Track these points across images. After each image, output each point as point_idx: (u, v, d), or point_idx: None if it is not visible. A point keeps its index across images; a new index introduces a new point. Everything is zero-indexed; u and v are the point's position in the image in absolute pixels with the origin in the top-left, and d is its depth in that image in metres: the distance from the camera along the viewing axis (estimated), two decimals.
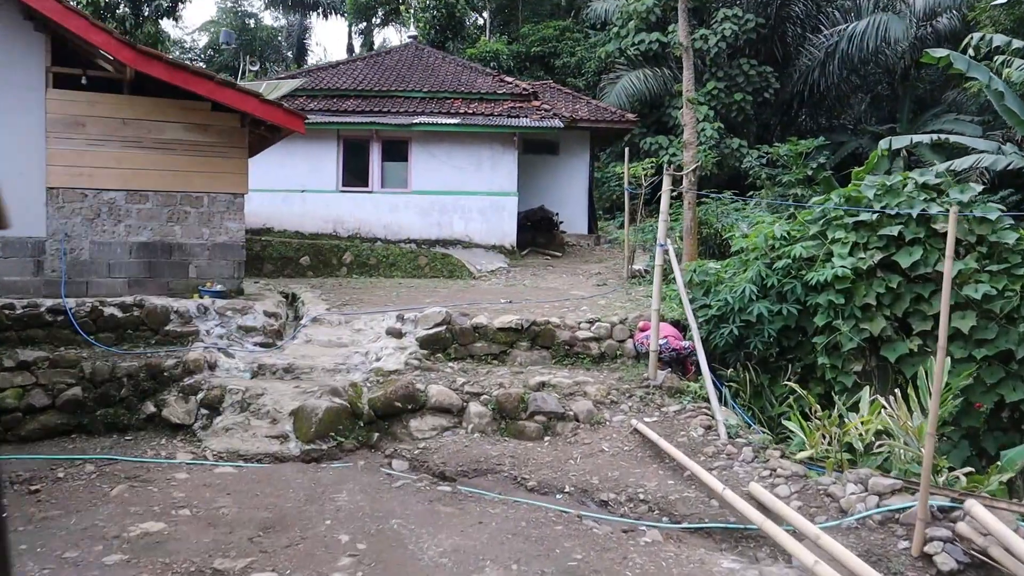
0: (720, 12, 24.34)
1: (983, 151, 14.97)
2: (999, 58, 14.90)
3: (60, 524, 5.44)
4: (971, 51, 14.86)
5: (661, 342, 8.76)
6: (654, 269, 8.70)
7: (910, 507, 5.52)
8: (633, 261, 15.22)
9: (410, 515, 5.73)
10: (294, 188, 17.73)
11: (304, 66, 39.16)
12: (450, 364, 9.01)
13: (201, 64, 44.31)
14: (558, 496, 6.52)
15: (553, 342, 9.35)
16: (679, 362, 9.22)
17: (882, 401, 6.99)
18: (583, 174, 22.46)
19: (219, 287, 9.97)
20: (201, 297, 9.62)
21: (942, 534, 5.17)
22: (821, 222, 9.71)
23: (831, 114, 28.83)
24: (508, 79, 20.72)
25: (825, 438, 6.89)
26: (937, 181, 9.46)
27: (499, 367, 9.06)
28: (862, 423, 6.86)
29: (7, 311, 8.40)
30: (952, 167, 14.17)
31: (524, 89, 19.75)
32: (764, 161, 20.17)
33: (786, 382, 9.02)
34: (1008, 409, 8.33)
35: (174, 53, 42.11)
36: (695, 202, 14.11)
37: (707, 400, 8.20)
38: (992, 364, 8.25)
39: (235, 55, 46.23)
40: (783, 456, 6.97)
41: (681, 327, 9.66)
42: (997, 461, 7.29)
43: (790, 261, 9.40)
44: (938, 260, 8.46)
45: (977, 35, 15.11)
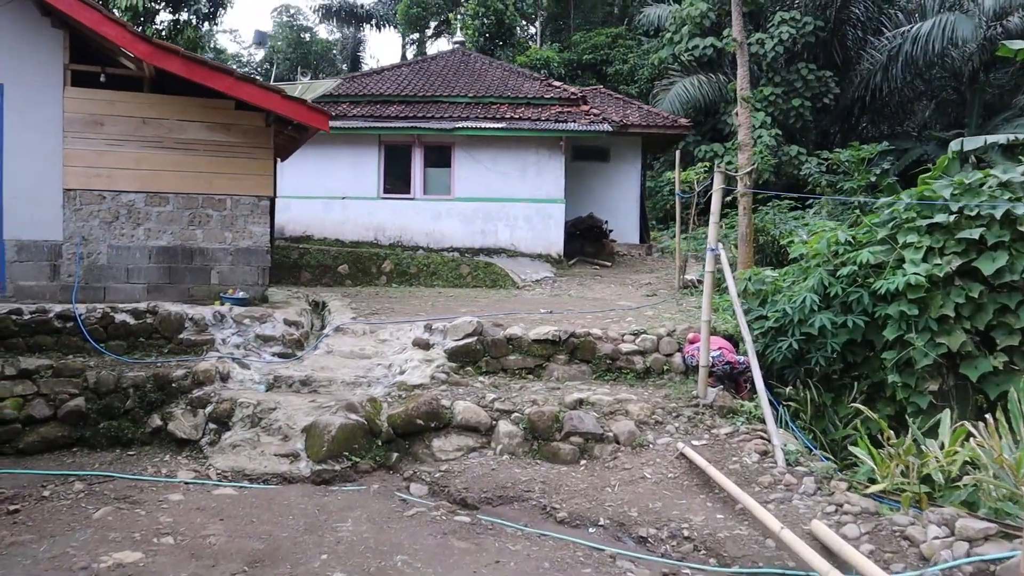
0: (777, 15, 23.38)
1: None
2: None
3: (29, 551, 4.87)
4: None
5: (714, 354, 7.92)
6: (705, 276, 7.88)
7: (1010, 557, 4.60)
8: (685, 271, 14.35)
9: (419, 550, 5.02)
10: (334, 195, 17.31)
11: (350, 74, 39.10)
12: (480, 378, 8.30)
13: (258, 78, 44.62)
14: (591, 530, 5.74)
15: (594, 355, 8.57)
16: (732, 379, 8.36)
17: (969, 427, 6.04)
18: (634, 182, 21.63)
19: (242, 294, 9.46)
20: (222, 304, 9.11)
21: None
22: (890, 225, 8.75)
23: (894, 120, 27.46)
24: (556, 83, 20.05)
25: (899, 468, 5.97)
26: (1023, 179, 8.43)
27: (534, 382, 8.32)
28: (945, 454, 5.92)
29: (14, 317, 7.98)
30: None
31: (573, 93, 19.04)
32: (824, 168, 19.14)
33: (852, 403, 8.12)
34: None
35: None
36: (751, 207, 13.18)
37: (763, 421, 7.33)
38: None
39: (291, 68, 46.57)
40: (850, 488, 6.05)
41: (734, 341, 8.79)
42: None
43: (856, 268, 8.46)
44: None
45: None
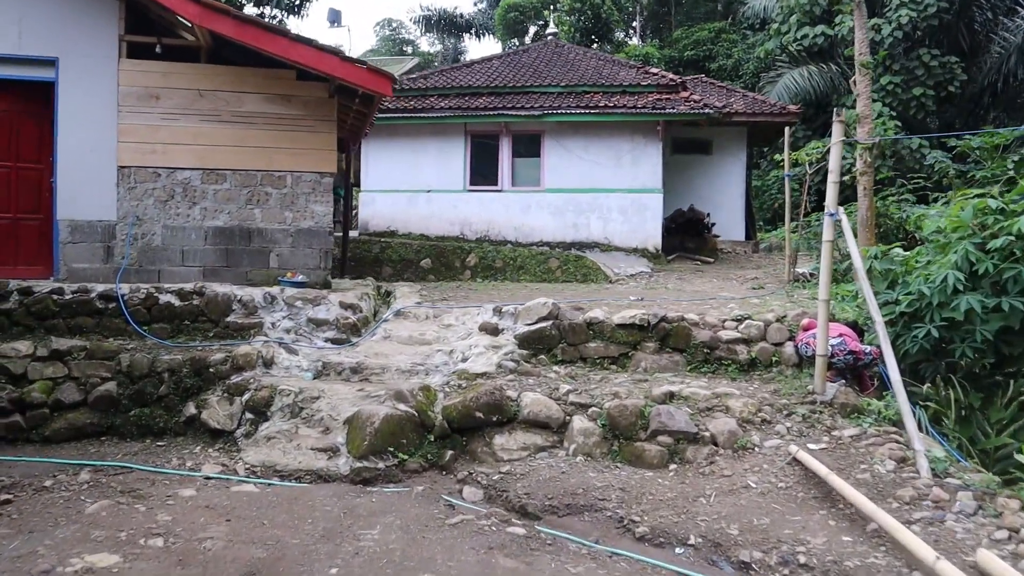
0: None
1: None
2: None
3: None
4: None
5: (833, 342, 6.57)
6: (822, 247, 6.53)
7: None
8: (796, 263, 12.84)
9: (451, 569, 3.98)
10: (419, 188, 16.58)
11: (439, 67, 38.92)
12: (555, 368, 7.21)
13: None
14: (678, 550, 4.55)
15: (688, 344, 7.34)
16: (854, 372, 6.97)
17: None
18: (739, 176, 20.04)
19: (301, 278, 8.70)
20: (280, 287, 8.36)
21: None
22: None
23: None
24: (653, 70, 18.74)
25: None
26: None
27: (617, 373, 7.18)
28: None
29: (55, 296, 7.45)
30: None
31: (671, 80, 17.69)
32: (951, 157, 17.12)
33: (1008, 404, 6.61)
34: None
35: None
36: (872, 187, 11.60)
37: (896, 423, 5.96)
38: None
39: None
40: None
41: (859, 330, 7.39)
42: None
43: (1012, 239, 6.90)
44: None
45: None
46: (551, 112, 15.74)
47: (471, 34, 51.64)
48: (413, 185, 16.58)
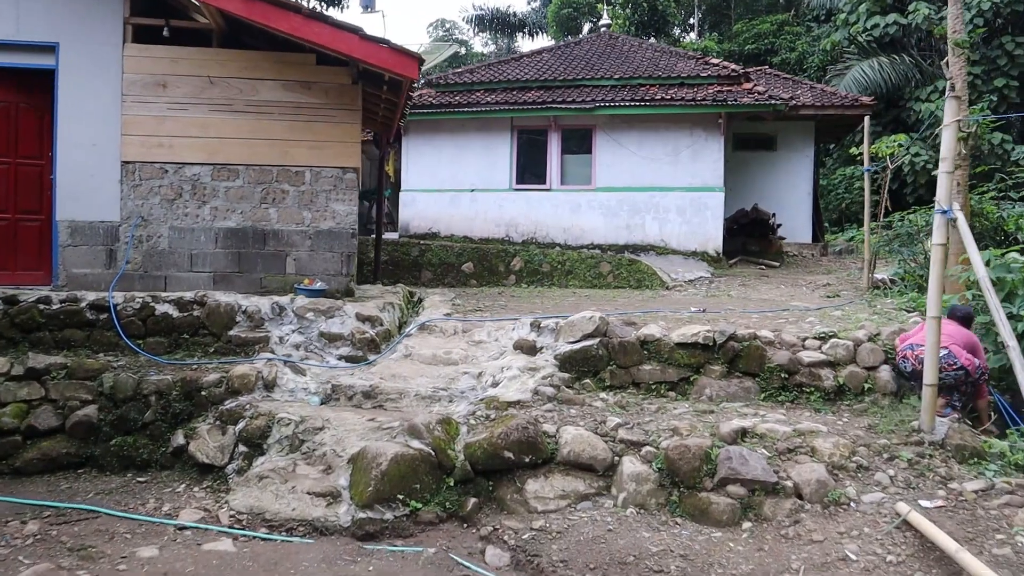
0: None
1: None
2: None
3: None
4: None
5: (941, 353, 5.36)
6: (932, 251, 5.30)
7: None
8: (874, 267, 11.53)
9: None
10: (463, 188, 15.62)
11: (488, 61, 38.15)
12: (602, 395, 6.12)
13: None
14: None
15: (762, 367, 6.19)
16: (965, 390, 5.74)
17: None
18: (806, 173, 18.60)
19: (320, 285, 7.79)
20: (296, 296, 7.47)
21: None
22: None
23: None
24: (714, 61, 17.47)
25: None
26: None
27: (676, 402, 6.06)
28: None
29: (42, 306, 6.66)
30: None
31: (733, 70, 16.38)
32: None
33: None
34: None
35: None
36: (967, 182, 10.23)
37: None
38: None
39: None
40: None
41: (967, 322, 6.13)
42: None
43: None
44: None
45: None
46: (604, 104, 14.63)
47: (524, 33, 50.68)
48: (456, 184, 15.65)
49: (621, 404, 5.91)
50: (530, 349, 6.52)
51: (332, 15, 8.20)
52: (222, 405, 5.77)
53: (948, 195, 5.25)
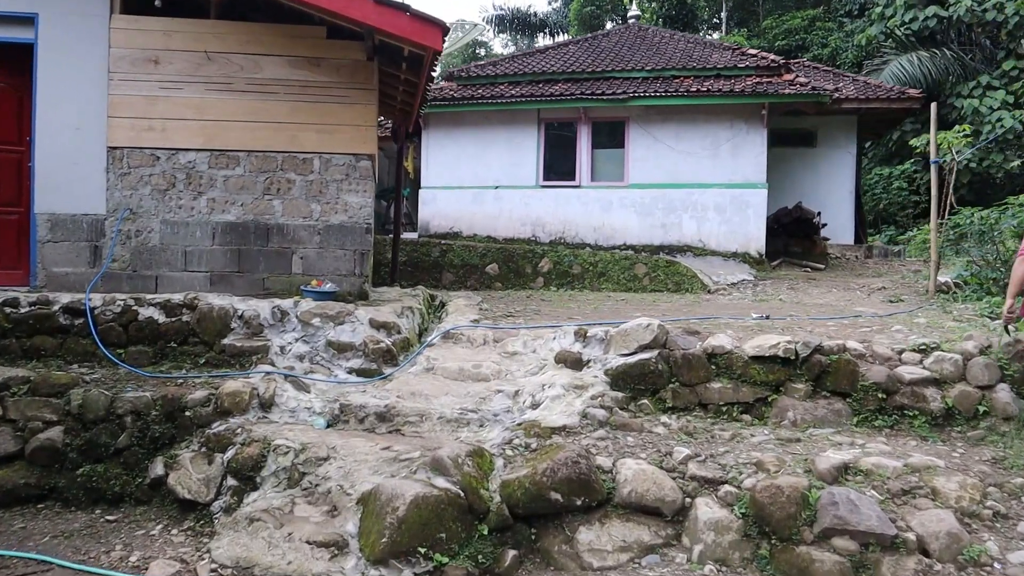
0: None
1: None
2: None
3: None
4: None
5: None
6: None
7: None
8: (940, 269, 10.47)
9: None
10: (487, 185, 14.67)
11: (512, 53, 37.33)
12: (663, 419, 5.12)
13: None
14: None
15: (854, 385, 5.16)
16: None
17: None
18: (848, 171, 17.48)
19: (330, 286, 6.85)
20: (302, 299, 6.53)
21: None
22: None
23: None
24: (751, 51, 16.44)
25: None
26: None
27: (753, 427, 5.06)
28: None
29: (8, 310, 5.76)
30: None
31: (772, 61, 15.35)
32: None
33: None
34: None
35: None
36: None
37: None
38: None
39: None
40: None
41: None
42: None
43: None
44: None
45: None
46: (637, 96, 13.63)
47: (545, 33, 49.87)
48: (479, 181, 14.69)
49: (687, 430, 4.91)
50: (575, 363, 5.54)
51: None
52: (209, 428, 4.84)
53: None
